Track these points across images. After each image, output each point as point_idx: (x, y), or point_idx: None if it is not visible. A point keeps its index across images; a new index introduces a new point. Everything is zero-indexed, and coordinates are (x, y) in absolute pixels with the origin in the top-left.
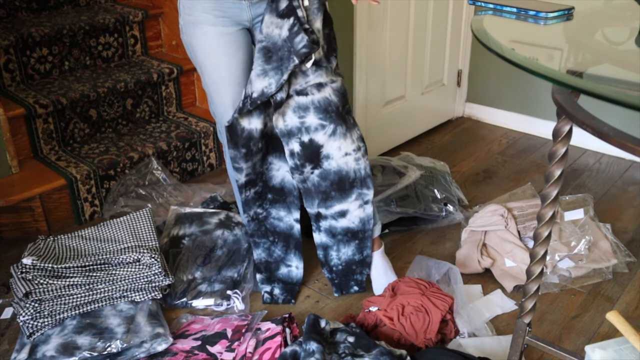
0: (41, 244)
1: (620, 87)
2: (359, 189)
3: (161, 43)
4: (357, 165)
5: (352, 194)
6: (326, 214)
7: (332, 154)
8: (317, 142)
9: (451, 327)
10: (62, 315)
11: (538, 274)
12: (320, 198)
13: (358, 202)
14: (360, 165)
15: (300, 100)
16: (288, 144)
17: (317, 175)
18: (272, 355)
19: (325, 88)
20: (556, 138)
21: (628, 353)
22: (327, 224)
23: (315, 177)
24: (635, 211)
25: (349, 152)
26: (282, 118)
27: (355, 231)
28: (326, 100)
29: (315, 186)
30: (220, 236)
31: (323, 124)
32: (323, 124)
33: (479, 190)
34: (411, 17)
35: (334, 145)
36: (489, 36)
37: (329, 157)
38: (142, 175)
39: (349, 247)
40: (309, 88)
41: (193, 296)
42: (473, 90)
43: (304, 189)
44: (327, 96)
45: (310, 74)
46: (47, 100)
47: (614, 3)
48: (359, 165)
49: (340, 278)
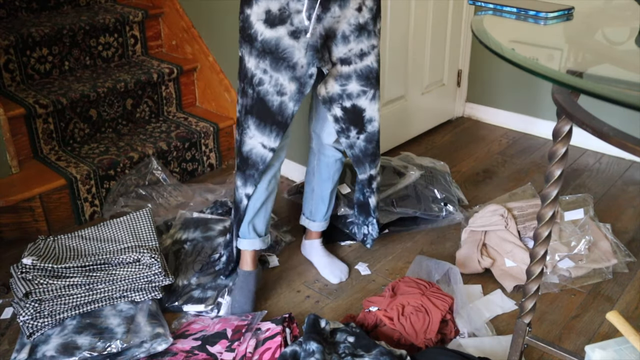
0: (41, 244)
1: (620, 87)
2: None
3: (161, 43)
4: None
5: None
6: (375, 174)
7: (373, 116)
8: (359, 106)
9: (451, 327)
10: (62, 315)
11: (538, 274)
12: (370, 160)
13: None
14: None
15: (343, 70)
16: (330, 109)
17: (362, 139)
18: (272, 355)
19: (368, 56)
20: (556, 138)
21: (628, 353)
22: (376, 182)
23: (362, 142)
24: (635, 211)
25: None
26: (324, 86)
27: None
28: (368, 68)
29: (363, 151)
30: (221, 243)
31: (365, 89)
32: (365, 89)
33: (479, 190)
34: (411, 17)
35: (375, 107)
36: (489, 36)
37: (372, 120)
38: (142, 175)
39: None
40: (352, 57)
41: (184, 301)
42: (473, 90)
43: (354, 157)
44: (369, 64)
45: (352, 40)
46: (47, 100)
47: (614, 3)
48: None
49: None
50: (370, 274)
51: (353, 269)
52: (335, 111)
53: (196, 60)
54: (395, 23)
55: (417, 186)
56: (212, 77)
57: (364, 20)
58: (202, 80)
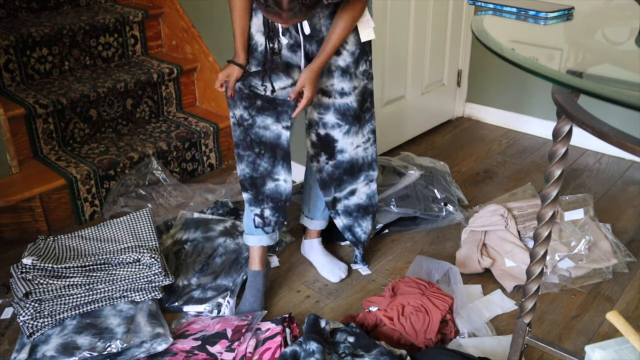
0: (41, 244)
1: (620, 87)
2: (366, 172)
3: (161, 43)
4: (365, 153)
5: (360, 176)
6: (340, 197)
7: (345, 148)
8: (332, 136)
9: (451, 327)
10: (62, 315)
11: (538, 274)
12: (335, 184)
13: (365, 181)
14: (368, 153)
15: (322, 100)
16: (308, 135)
17: (331, 165)
18: (272, 355)
19: (348, 96)
20: (556, 138)
21: (628, 353)
22: (341, 205)
23: (330, 167)
24: (635, 211)
25: (359, 145)
26: (306, 111)
27: (366, 206)
28: (346, 106)
29: (330, 175)
30: (222, 244)
31: (340, 123)
32: (340, 123)
33: (479, 190)
34: (411, 17)
35: (348, 141)
36: (489, 36)
37: (342, 151)
38: (142, 175)
39: (367, 220)
40: (333, 92)
41: (185, 301)
42: (473, 90)
43: (321, 180)
44: (347, 102)
45: (335, 77)
46: (47, 100)
47: (614, 3)
48: (366, 153)
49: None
50: (370, 274)
51: (353, 269)
52: (311, 136)
53: (196, 60)
54: (395, 23)
55: (417, 186)
56: (212, 77)
57: (345, 64)
58: (202, 80)
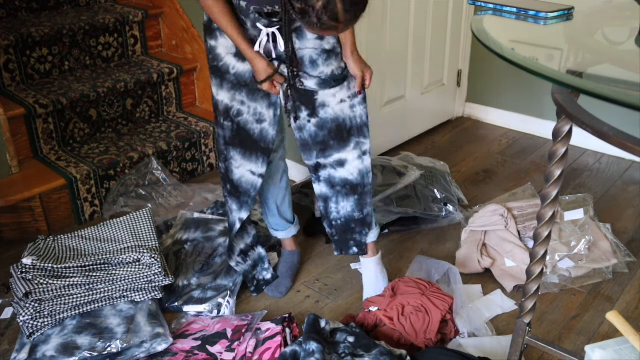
0: (41, 244)
1: (620, 87)
2: (356, 138)
3: (161, 43)
4: (352, 113)
5: (350, 143)
6: (325, 163)
7: (327, 101)
8: (310, 89)
9: (451, 327)
10: (62, 315)
11: (538, 274)
12: (319, 149)
13: (356, 152)
14: (356, 113)
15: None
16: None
17: (314, 124)
18: (272, 355)
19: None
20: (556, 138)
21: (628, 353)
22: (326, 173)
23: (312, 127)
24: (635, 211)
25: (344, 99)
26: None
27: (355, 185)
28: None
29: (313, 137)
30: (222, 244)
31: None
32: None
33: (479, 190)
34: (411, 17)
35: (329, 93)
36: (489, 36)
37: (325, 105)
38: (142, 175)
39: (348, 201)
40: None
41: (185, 301)
42: (473, 90)
43: (301, 141)
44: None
45: (320, 64)
46: (47, 100)
47: (614, 3)
48: (354, 112)
49: (339, 235)
50: None
51: (353, 269)
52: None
53: (196, 60)
54: (395, 23)
55: (417, 186)
56: None
57: (330, 46)
58: (202, 80)
